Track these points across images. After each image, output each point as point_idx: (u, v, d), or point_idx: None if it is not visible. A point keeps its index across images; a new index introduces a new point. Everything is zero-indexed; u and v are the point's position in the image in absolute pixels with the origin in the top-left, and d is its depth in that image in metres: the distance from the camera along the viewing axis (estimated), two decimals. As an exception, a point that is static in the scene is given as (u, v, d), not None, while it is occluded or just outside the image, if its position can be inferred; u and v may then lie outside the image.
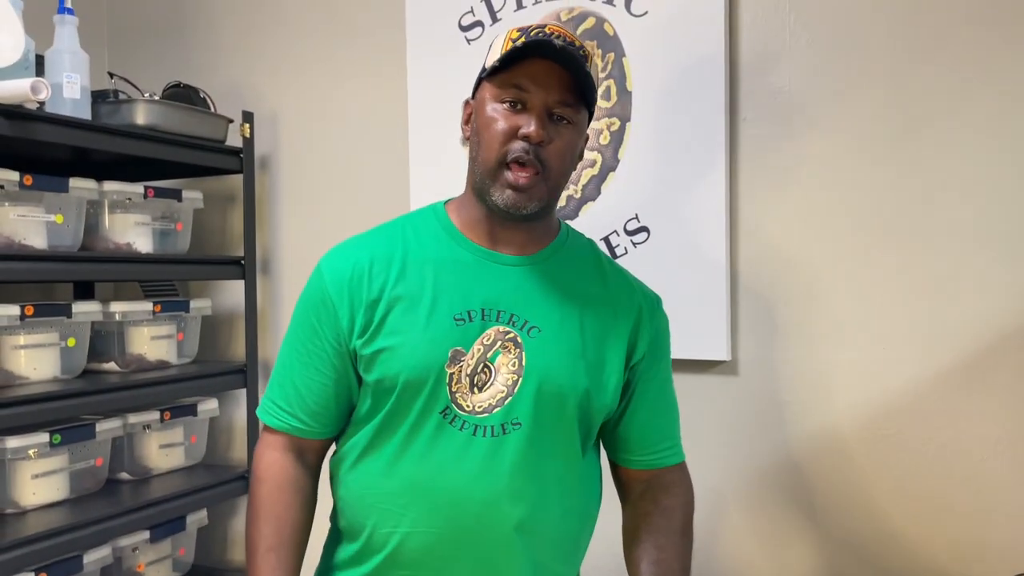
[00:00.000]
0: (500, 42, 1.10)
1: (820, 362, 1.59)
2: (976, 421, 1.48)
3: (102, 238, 1.92)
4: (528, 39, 1.04)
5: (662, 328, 1.23)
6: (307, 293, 1.16)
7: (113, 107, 1.88)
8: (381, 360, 1.09)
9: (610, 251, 1.75)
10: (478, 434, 1.07)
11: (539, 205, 1.09)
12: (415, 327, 1.08)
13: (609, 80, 1.75)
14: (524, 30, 1.07)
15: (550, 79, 1.05)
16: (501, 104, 1.07)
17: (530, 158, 1.05)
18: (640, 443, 1.21)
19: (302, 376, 1.13)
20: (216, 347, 2.30)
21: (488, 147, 1.07)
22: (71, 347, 1.84)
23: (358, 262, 1.13)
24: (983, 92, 1.46)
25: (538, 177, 1.07)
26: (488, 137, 1.07)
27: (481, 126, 1.09)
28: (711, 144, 1.64)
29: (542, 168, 1.06)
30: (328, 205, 2.14)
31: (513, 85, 1.06)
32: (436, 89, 1.92)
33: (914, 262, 1.52)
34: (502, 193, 1.07)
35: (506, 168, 1.06)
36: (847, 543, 1.58)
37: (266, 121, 2.20)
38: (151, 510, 1.87)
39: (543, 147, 1.06)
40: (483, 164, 1.08)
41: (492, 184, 1.08)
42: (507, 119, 1.06)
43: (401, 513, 1.08)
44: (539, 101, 1.06)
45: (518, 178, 1.06)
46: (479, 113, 1.10)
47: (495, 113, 1.07)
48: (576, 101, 1.08)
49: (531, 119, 1.05)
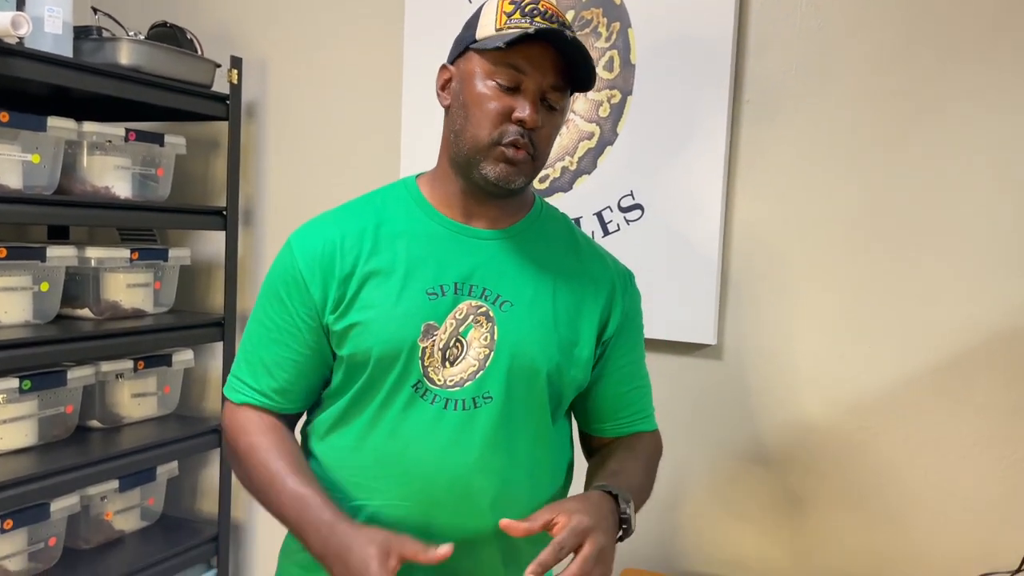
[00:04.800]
0: (492, 13, 1.07)
1: (803, 355, 1.59)
2: (953, 423, 1.49)
3: (79, 180, 1.86)
4: (532, 23, 1.03)
5: (634, 303, 1.23)
6: (277, 269, 1.14)
7: (96, 45, 1.81)
8: (354, 335, 1.08)
9: (602, 226, 1.72)
10: (449, 408, 1.07)
11: (526, 182, 1.10)
12: (387, 301, 1.07)
13: (612, 51, 1.71)
14: (517, 3, 1.05)
15: (546, 62, 1.04)
16: (493, 82, 1.05)
17: (525, 142, 1.05)
18: (611, 413, 1.22)
19: (271, 352, 1.12)
20: (194, 297, 2.25)
21: (478, 125, 1.06)
22: (44, 291, 1.79)
23: (329, 238, 1.11)
24: (993, 89, 1.43)
25: (527, 158, 1.07)
26: (479, 115, 1.06)
27: (470, 101, 1.07)
28: (712, 125, 1.61)
29: (533, 150, 1.07)
30: (315, 157, 2.09)
31: (510, 65, 1.04)
32: (433, 45, 1.85)
33: (903, 263, 1.51)
34: (495, 166, 1.06)
35: (499, 146, 1.06)
36: (821, 528, 1.60)
37: (255, 67, 2.13)
38: (121, 460, 1.85)
39: (535, 131, 1.06)
40: (471, 141, 1.07)
41: (483, 159, 1.06)
42: (500, 99, 1.05)
43: (372, 486, 1.08)
44: (535, 85, 1.05)
45: (514, 155, 1.06)
46: (466, 85, 1.07)
47: (487, 90, 1.05)
48: (566, 86, 1.08)
49: (526, 104, 1.04)
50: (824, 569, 1.60)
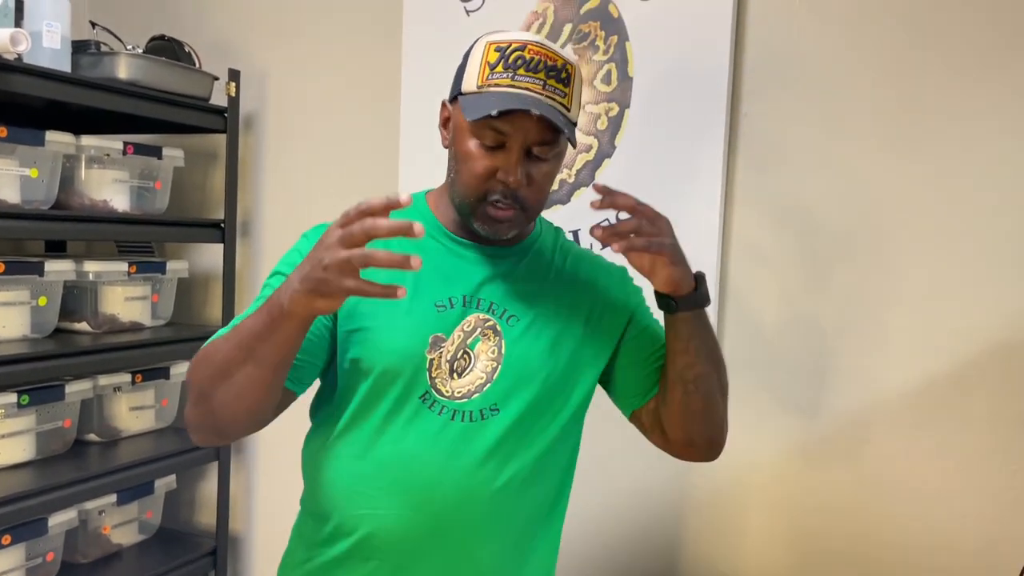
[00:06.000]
0: (477, 63, 1.05)
1: (803, 366, 1.59)
2: (955, 434, 1.49)
3: (77, 194, 1.86)
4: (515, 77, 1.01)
5: (637, 295, 1.23)
6: (291, 256, 1.11)
7: (94, 59, 1.81)
8: (357, 340, 1.07)
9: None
10: (456, 419, 1.07)
11: (518, 231, 1.10)
12: (396, 312, 1.07)
13: (610, 64, 1.71)
14: (503, 51, 1.03)
15: (528, 122, 1.02)
16: (477, 140, 1.04)
17: (509, 202, 1.05)
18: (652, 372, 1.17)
19: None
20: (191, 310, 2.25)
21: (466, 184, 1.06)
22: (42, 306, 1.79)
23: None
24: (993, 88, 1.44)
25: (517, 212, 1.07)
26: (466, 174, 1.06)
27: (459, 155, 1.07)
28: (710, 138, 1.61)
29: (520, 207, 1.06)
30: (314, 170, 2.09)
31: (491, 128, 1.03)
32: (432, 58, 1.86)
33: (901, 272, 1.51)
34: (483, 223, 1.07)
35: (486, 203, 1.06)
36: (821, 539, 1.60)
37: (253, 80, 2.13)
38: (120, 474, 1.85)
39: (521, 188, 1.05)
40: (462, 195, 1.08)
41: (472, 215, 1.07)
42: (485, 159, 1.04)
43: (375, 496, 1.08)
44: (517, 144, 1.03)
45: (498, 214, 1.06)
46: (456, 137, 1.08)
47: (472, 148, 1.05)
48: (555, 138, 1.05)
49: (509, 163, 1.03)
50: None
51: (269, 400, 1.02)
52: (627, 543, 1.76)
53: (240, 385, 0.97)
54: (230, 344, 0.98)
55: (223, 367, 0.98)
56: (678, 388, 1.12)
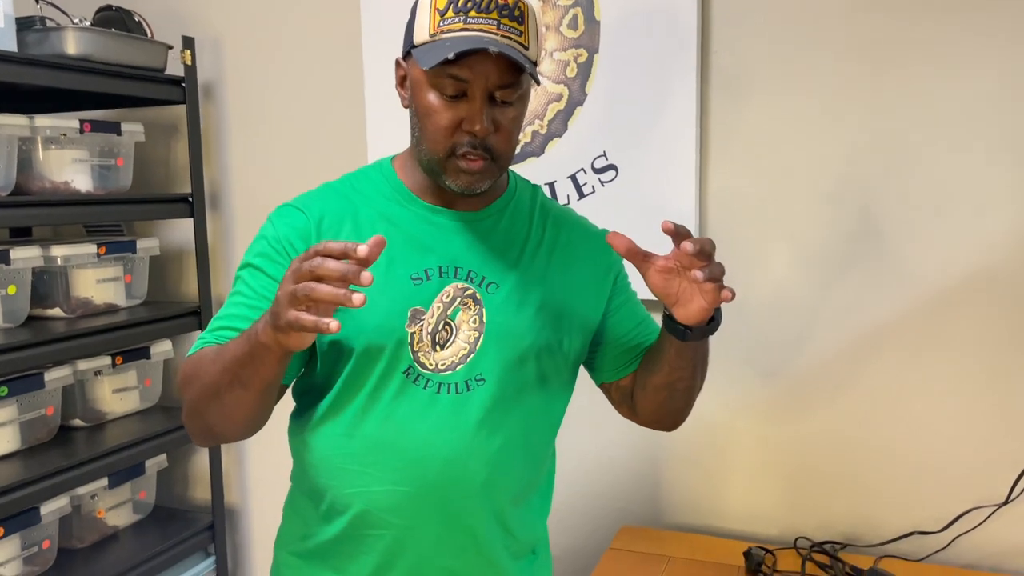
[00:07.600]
0: (426, 12, 1.01)
1: (784, 306, 1.60)
2: (943, 358, 1.51)
3: (37, 177, 1.80)
4: (467, 21, 0.98)
5: (619, 260, 1.20)
6: (257, 245, 1.09)
7: (41, 36, 1.74)
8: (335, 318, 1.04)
9: (577, 190, 1.70)
10: (442, 392, 1.06)
11: (492, 181, 1.07)
12: (371, 290, 1.03)
13: (576, 8, 1.67)
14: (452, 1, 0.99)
15: (487, 65, 0.98)
16: (437, 92, 1.01)
17: (479, 152, 1.02)
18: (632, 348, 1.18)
19: (244, 315, 1.05)
20: (166, 287, 2.21)
21: (432, 140, 1.03)
22: (12, 295, 1.74)
23: (313, 213, 1.08)
24: (970, 13, 1.42)
25: (487, 163, 1.04)
26: (430, 129, 1.02)
27: (420, 111, 1.03)
28: (682, 78, 1.59)
29: (491, 155, 1.03)
30: (279, 136, 2.04)
31: (449, 76, 0.99)
32: (392, 16, 1.80)
33: (883, 210, 1.51)
34: (456, 178, 1.04)
35: (454, 157, 1.02)
36: (809, 474, 1.62)
37: (209, 47, 2.06)
38: (109, 459, 1.83)
39: (489, 136, 1.02)
40: (429, 152, 1.04)
41: (442, 172, 1.04)
42: (447, 111, 1.01)
43: (365, 473, 1.07)
44: (480, 90, 0.99)
45: (469, 166, 1.03)
46: (416, 95, 1.04)
47: (433, 101, 1.01)
48: (517, 79, 1.02)
49: (473, 111, 1.00)
50: (811, 510, 1.63)
51: (263, 411, 1.03)
52: (618, 489, 1.78)
53: (231, 405, 0.99)
54: (217, 368, 0.98)
55: (212, 389, 0.99)
56: (663, 392, 1.13)
